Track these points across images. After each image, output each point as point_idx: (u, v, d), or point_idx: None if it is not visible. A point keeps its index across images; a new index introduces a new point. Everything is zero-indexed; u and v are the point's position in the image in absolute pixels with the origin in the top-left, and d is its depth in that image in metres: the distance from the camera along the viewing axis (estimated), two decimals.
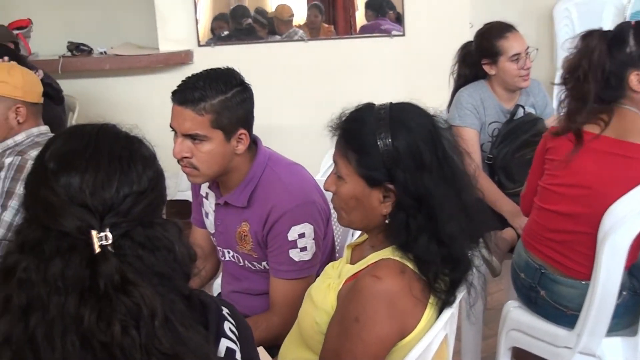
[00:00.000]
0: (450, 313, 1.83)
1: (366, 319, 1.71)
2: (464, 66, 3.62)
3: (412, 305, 1.74)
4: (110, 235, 1.20)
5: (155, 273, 1.25)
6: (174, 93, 2.22)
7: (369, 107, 1.87)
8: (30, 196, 1.28)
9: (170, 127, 2.24)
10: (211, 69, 2.28)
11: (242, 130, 2.26)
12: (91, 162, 1.24)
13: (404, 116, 1.81)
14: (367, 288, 1.73)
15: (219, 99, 2.19)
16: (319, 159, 3.53)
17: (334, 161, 1.89)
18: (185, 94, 2.19)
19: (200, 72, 2.26)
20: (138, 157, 1.29)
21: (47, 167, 1.25)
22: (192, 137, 2.21)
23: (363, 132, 1.80)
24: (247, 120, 2.28)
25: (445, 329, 1.85)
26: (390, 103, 1.86)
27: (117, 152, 1.27)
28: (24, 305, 1.18)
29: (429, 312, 1.78)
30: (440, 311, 1.83)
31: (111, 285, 1.18)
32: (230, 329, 1.38)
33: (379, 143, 1.76)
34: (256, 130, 2.38)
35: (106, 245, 1.20)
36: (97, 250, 1.19)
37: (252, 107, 2.31)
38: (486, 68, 3.50)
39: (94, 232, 1.20)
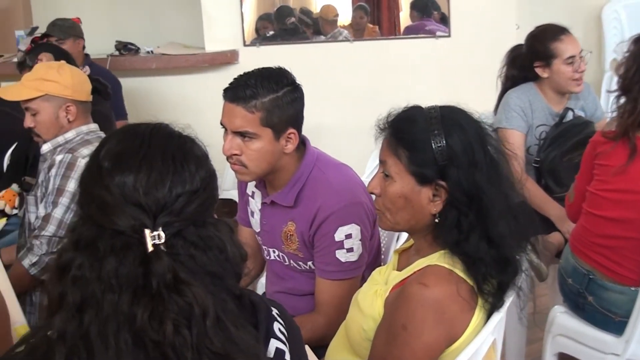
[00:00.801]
0: (499, 318, 1.82)
1: (414, 327, 1.71)
2: (513, 68, 3.59)
3: (459, 311, 1.73)
4: (163, 235, 1.21)
5: (207, 272, 1.26)
6: (226, 90, 2.24)
7: (418, 107, 1.87)
8: (84, 195, 1.29)
9: (221, 124, 2.26)
10: (263, 68, 2.30)
11: (291, 130, 2.27)
12: (145, 161, 1.25)
13: (455, 116, 1.82)
14: (414, 295, 1.72)
15: (270, 97, 2.21)
16: (362, 159, 3.53)
17: (381, 161, 1.88)
18: (237, 91, 2.21)
19: (253, 71, 2.28)
20: (191, 157, 1.30)
21: (102, 166, 1.26)
22: (242, 135, 2.23)
23: (415, 130, 1.80)
24: (296, 120, 2.29)
25: (493, 334, 1.84)
26: (441, 105, 1.86)
27: (170, 151, 1.28)
28: (78, 303, 1.19)
29: (477, 317, 1.76)
30: (488, 315, 1.81)
31: (164, 284, 1.18)
32: (279, 329, 1.38)
33: (431, 140, 1.76)
34: (303, 129, 2.39)
35: (159, 244, 1.20)
36: (150, 249, 1.20)
37: (302, 107, 2.32)
38: (539, 71, 3.46)
39: (147, 231, 1.20)
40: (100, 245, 1.21)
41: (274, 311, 1.40)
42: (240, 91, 2.20)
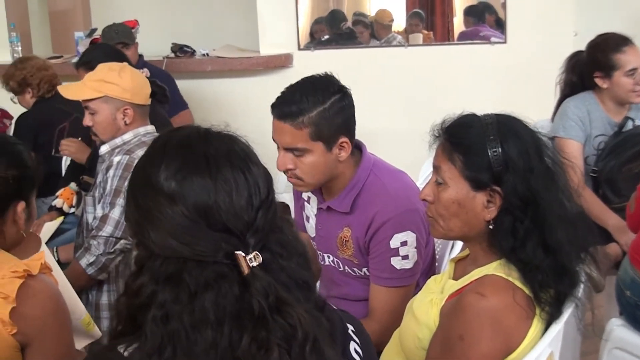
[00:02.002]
0: (557, 329, 1.79)
1: (471, 337, 1.69)
2: (573, 74, 3.53)
3: (517, 322, 1.71)
4: (258, 254, 1.16)
5: (298, 284, 1.21)
6: (273, 107, 2.23)
7: (473, 114, 1.87)
8: (151, 225, 1.20)
9: (273, 139, 2.25)
10: (308, 77, 2.28)
11: (343, 138, 2.25)
12: (215, 177, 1.19)
13: (510, 123, 1.81)
14: (471, 305, 1.71)
15: (317, 110, 2.18)
16: (416, 165, 3.51)
17: (435, 167, 1.87)
18: (282, 108, 2.20)
19: (297, 83, 2.25)
20: (254, 163, 1.26)
21: (167, 187, 1.20)
22: (293, 150, 2.22)
23: (470, 135, 1.80)
24: (347, 127, 2.27)
25: (550, 346, 1.81)
26: (496, 113, 1.85)
27: (235, 162, 1.23)
28: (157, 345, 1.14)
29: (534, 328, 1.74)
30: (546, 327, 1.79)
31: (267, 307, 1.13)
32: (355, 349, 1.32)
33: (487, 145, 1.75)
34: (356, 134, 2.38)
35: (255, 265, 1.16)
36: (246, 271, 1.15)
37: (352, 113, 2.29)
38: (598, 81, 3.40)
39: (239, 254, 1.15)
40: (188, 280, 1.14)
41: (350, 328, 1.34)
42: (286, 108, 2.19)
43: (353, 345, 1.32)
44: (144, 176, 1.24)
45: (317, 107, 2.18)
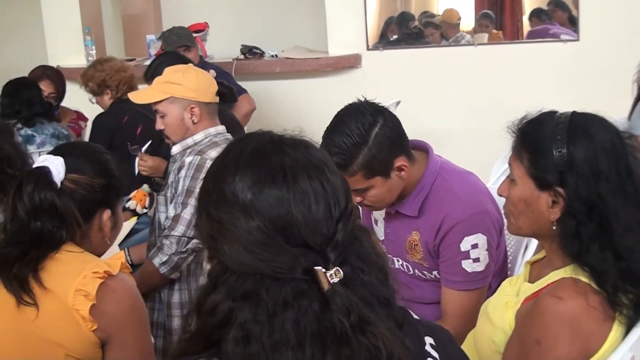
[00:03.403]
0: (638, 334, 1.75)
1: (548, 342, 1.66)
2: None
3: (596, 326, 1.68)
4: (339, 269, 1.12)
5: (380, 301, 1.17)
6: None
7: (551, 112, 1.84)
8: (224, 238, 1.17)
9: None
10: (341, 117, 2.20)
11: (398, 162, 2.22)
12: (292, 189, 1.16)
13: (585, 124, 1.77)
14: (548, 309, 1.68)
15: (362, 153, 2.15)
16: (486, 164, 3.48)
17: (509, 164, 1.86)
18: None
19: (334, 126, 2.17)
20: (331, 172, 1.21)
21: (242, 197, 1.16)
22: (354, 190, 2.19)
23: (539, 134, 1.78)
24: (398, 148, 2.23)
25: (632, 351, 1.77)
26: (574, 111, 1.82)
27: (313, 173, 1.18)
28: None
29: (615, 333, 1.70)
30: (627, 330, 1.75)
31: (349, 325, 1.09)
32: None
33: (553, 145, 1.73)
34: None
35: (335, 281, 1.11)
36: (327, 287, 1.10)
37: (398, 131, 2.23)
38: None
39: (318, 270, 1.11)
40: (266, 297, 1.10)
41: (429, 342, 1.28)
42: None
43: None
44: (216, 187, 1.20)
45: (361, 149, 2.15)
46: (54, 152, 1.90)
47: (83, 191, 1.85)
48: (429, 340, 1.28)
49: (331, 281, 1.10)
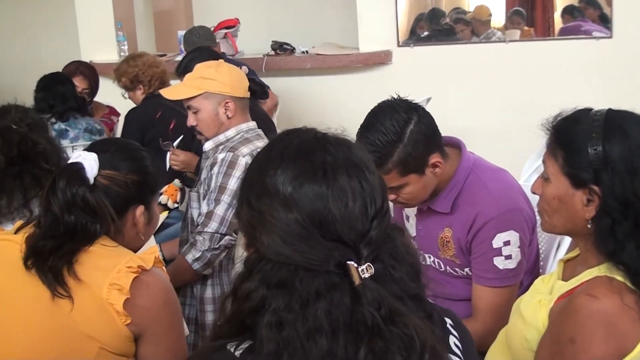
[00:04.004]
0: None
1: (582, 341, 1.65)
2: None
3: (631, 325, 1.66)
4: (370, 265, 1.16)
5: (410, 296, 1.20)
6: None
7: (586, 110, 1.82)
8: (264, 228, 1.21)
9: None
10: (375, 114, 2.20)
11: (432, 159, 2.22)
12: (334, 188, 1.19)
13: (621, 122, 1.75)
14: (583, 308, 1.67)
15: (397, 150, 2.15)
16: (516, 161, 3.46)
17: (543, 162, 1.86)
18: None
19: (368, 124, 2.18)
20: (370, 171, 1.24)
21: (282, 191, 1.20)
22: (389, 188, 2.19)
23: (574, 132, 1.76)
24: (432, 145, 2.22)
25: None
26: (609, 109, 1.80)
27: (353, 173, 1.22)
28: (272, 350, 1.14)
29: None
30: None
31: (380, 317, 1.12)
32: (455, 343, 1.32)
33: (588, 143, 1.71)
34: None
35: (366, 276, 1.15)
36: (358, 282, 1.14)
37: (432, 128, 2.23)
38: None
39: (351, 264, 1.15)
40: (299, 287, 1.15)
41: (448, 322, 1.34)
42: None
43: (453, 339, 1.32)
44: (259, 178, 1.24)
45: (396, 147, 2.15)
46: (90, 148, 1.91)
47: (116, 187, 1.86)
48: (448, 320, 1.34)
49: (362, 276, 1.14)
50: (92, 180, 1.82)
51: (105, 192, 1.83)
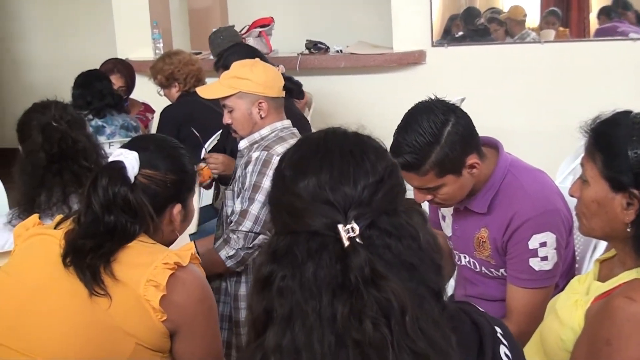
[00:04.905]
0: None
1: (619, 343, 1.64)
2: None
3: None
4: (357, 227, 1.21)
5: (403, 263, 1.24)
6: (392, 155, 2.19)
7: (625, 112, 1.81)
8: (275, 208, 1.32)
9: None
10: (413, 115, 2.19)
11: (470, 160, 2.21)
12: (325, 161, 1.27)
13: None
14: (620, 310, 1.65)
15: (435, 152, 2.14)
16: (550, 163, 3.44)
17: (581, 164, 1.84)
18: (400, 161, 2.11)
19: (405, 125, 2.17)
20: (369, 149, 1.31)
21: (285, 175, 1.30)
22: (426, 189, 2.22)
23: (614, 135, 1.75)
24: (470, 146, 2.22)
25: None
26: None
27: (347, 147, 1.30)
28: (287, 314, 1.20)
29: None
30: None
31: (362, 279, 1.17)
32: (505, 352, 1.32)
33: (629, 146, 1.70)
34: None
35: (354, 237, 1.20)
36: (347, 243, 1.20)
37: (470, 129, 2.22)
38: None
39: (340, 226, 1.21)
40: (297, 252, 1.22)
41: (499, 331, 1.35)
42: (403, 160, 2.13)
43: (503, 349, 1.32)
44: (278, 168, 1.35)
45: (434, 149, 2.14)
46: (130, 146, 1.92)
47: (155, 187, 1.88)
48: (498, 329, 1.35)
49: (349, 236, 1.20)
50: (132, 180, 1.83)
51: (144, 191, 1.85)
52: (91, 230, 1.79)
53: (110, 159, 1.88)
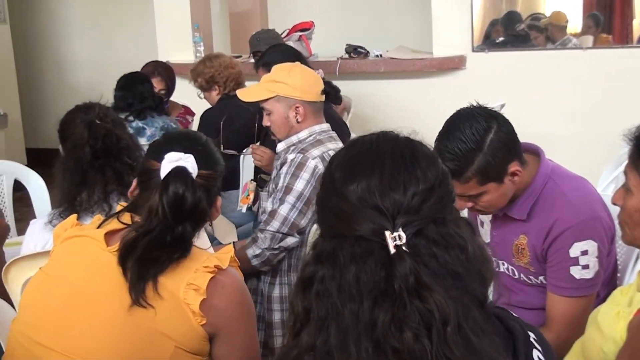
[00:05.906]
0: None
1: None
2: None
3: None
4: (403, 235, 1.20)
5: (449, 272, 1.23)
6: None
7: None
8: (322, 209, 1.32)
9: None
10: (454, 122, 2.17)
11: (512, 167, 2.19)
12: (376, 165, 1.26)
13: None
14: None
15: (477, 159, 2.12)
16: (591, 170, 3.40)
17: (624, 172, 1.82)
18: None
19: (447, 132, 2.15)
20: (420, 155, 1.29)
21: (334, 177, 1.29)
22: (467, 196, 2.19)
23: None
24: (511, 153, 2.18)
25: None
26: None
27: (399, 152, 1.28)
28: (324, 316, 1.21)
29: None
30: None
31: (406, 288, 1.17)
32: (538, 357, 1.31)
33: None
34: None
35: (400, 245, 1.20)
36: (393, 251, 1.19)
37: (511, 135, 2.19)
38: None
39: (387, 233, 1.20)
40: (341, 255, 1.22)
41: (532, 336, 1.34)
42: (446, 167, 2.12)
43: (536, 353, 1.31)
44: (326, 170, 1.35)
45: (476, 156, 2.12)
46: (179, 148, 1.89)
47: (209, 185, 1.90)
48: (531, 334, 1.34)
49: (395, 244, 1.19)
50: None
51: (202, 191, 1.85)
52: (158, 240, 1.77)
53: (169, 164, 1.85)
